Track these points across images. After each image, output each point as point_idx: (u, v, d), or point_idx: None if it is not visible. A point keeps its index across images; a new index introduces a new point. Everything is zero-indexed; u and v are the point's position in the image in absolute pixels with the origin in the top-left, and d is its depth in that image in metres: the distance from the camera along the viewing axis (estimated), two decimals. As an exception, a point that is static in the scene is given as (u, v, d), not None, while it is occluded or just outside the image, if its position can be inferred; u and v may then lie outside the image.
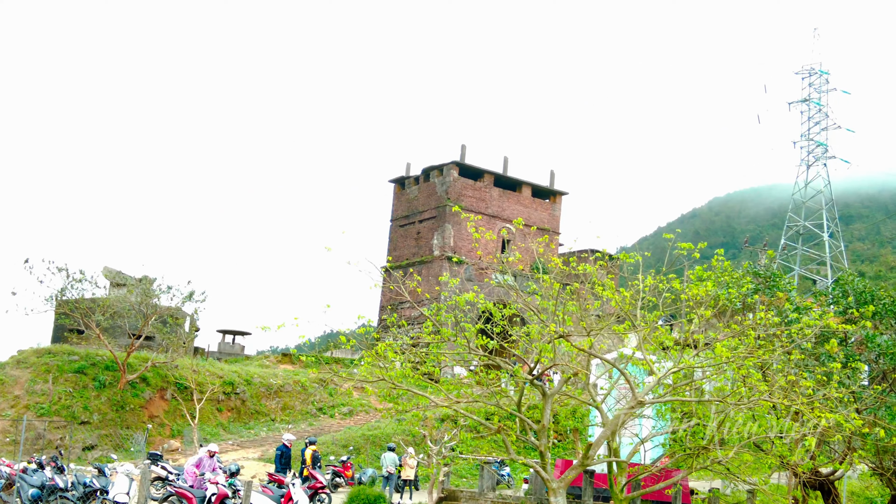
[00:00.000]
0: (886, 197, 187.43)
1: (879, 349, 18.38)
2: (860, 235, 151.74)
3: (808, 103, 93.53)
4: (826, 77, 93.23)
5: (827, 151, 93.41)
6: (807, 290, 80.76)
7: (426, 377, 16.46)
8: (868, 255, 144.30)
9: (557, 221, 57.72)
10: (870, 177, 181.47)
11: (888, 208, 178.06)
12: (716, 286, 15.24)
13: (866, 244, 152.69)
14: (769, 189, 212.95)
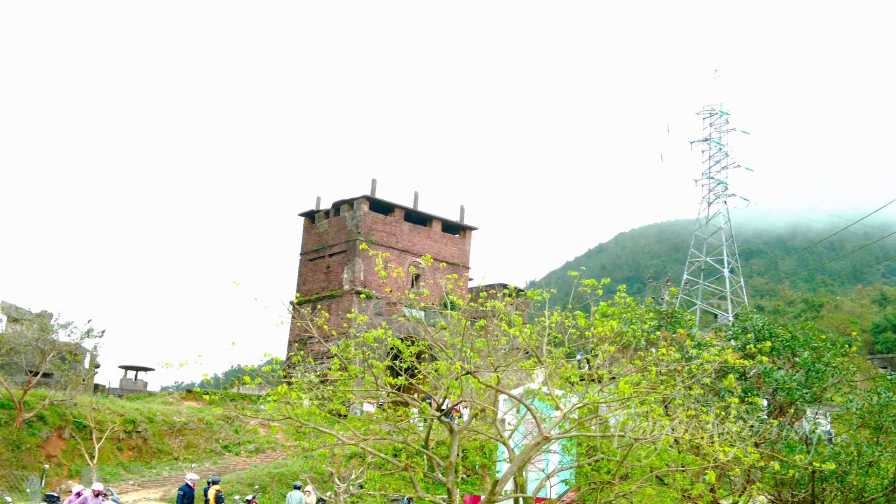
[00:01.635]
0: (784, 234, 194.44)
1: (776, 384, 18.93)
2: (759, 271, 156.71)
3: (709, 143, 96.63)
4: (726, 118, 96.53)
5: (727, 189, 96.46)
6: (709, 324, 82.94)
7: (333, 414, 16.29)
8: (767, 290, 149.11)
9: (467, 256, 58.08)
10: (768, 214, 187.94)
11: (786, 245, 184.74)
12: (620, 322, 15.53)
13: (765, 279, 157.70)
14: (672, 225, 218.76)
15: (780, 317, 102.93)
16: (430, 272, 52.87)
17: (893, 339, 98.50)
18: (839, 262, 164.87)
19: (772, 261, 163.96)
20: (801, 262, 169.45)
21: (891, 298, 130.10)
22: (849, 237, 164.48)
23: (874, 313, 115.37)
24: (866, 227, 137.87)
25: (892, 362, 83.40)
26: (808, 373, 19.30)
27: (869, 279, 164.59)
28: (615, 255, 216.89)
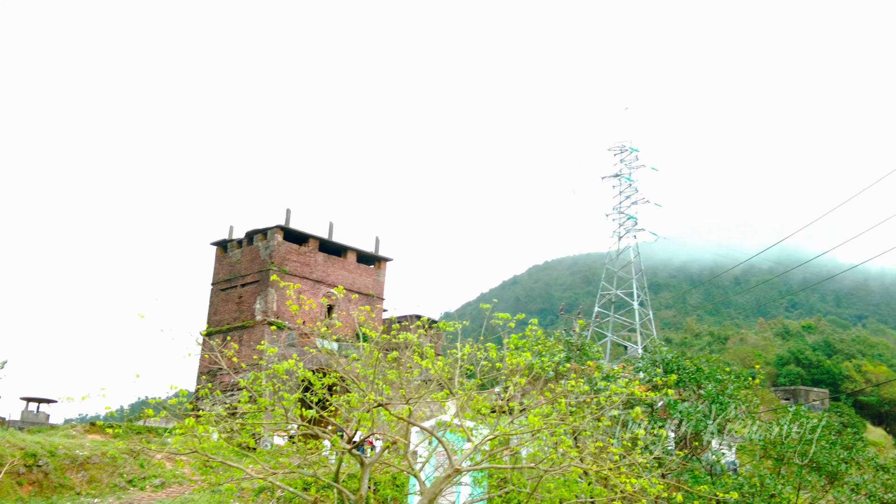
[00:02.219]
0: (691, 268, 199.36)
1: (682, 415, 19.37)
2: (668, 304, 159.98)
3: (619, 178, 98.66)
4: (636, 154, 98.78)
5: (637, 224, 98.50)
6: (619, 356, 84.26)
7: (242, 448, 16.02)
8: (675, 323, 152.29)
9: (382, 287, 57.93)
10: (676, 249, 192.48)
11: (693, 279, 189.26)
12: (531, 354, 15.72)
13: (673, 312, 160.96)
14: (585, 258, 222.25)
15: (687, 349, 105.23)
16: (344, 303, 52.57)
17: (796, 371, 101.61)
18: (744, 296, 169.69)
19: (680, 294, 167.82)
20: (708, 296, 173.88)
21: (793, 332, 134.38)
22: (753, 271, 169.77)
23: (777, 346, 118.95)
24: (769, 261, 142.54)
25: (795, 394, 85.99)
26: (712, 404, 19.80)
27: (772, 313, 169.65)
28: (529, 287, 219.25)
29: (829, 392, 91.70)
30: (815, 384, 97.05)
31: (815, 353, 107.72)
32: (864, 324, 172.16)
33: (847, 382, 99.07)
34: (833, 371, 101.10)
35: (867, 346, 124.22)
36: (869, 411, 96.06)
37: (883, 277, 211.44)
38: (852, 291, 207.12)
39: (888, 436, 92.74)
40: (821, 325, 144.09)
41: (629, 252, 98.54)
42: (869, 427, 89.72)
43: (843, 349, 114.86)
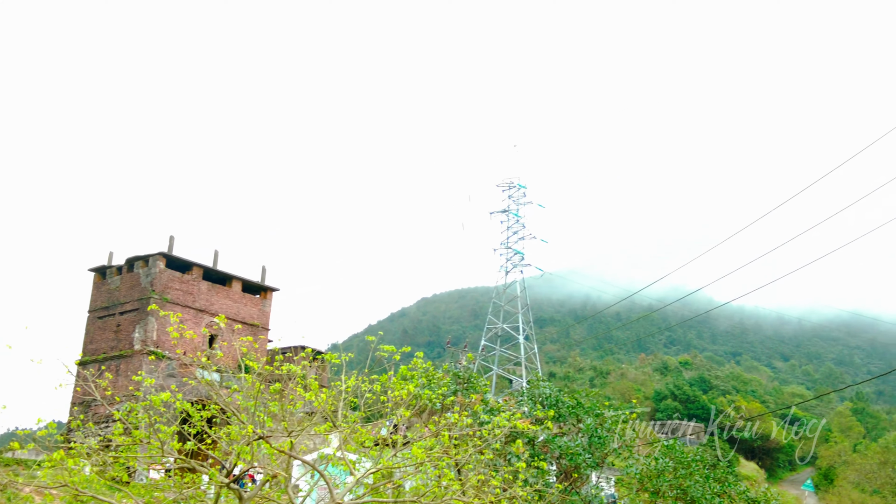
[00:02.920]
0: (575, 303, 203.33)
1: (562, 449, 19.65)
2: (552, 338, 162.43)
3: (507, 214, 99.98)
4: (524, 191, 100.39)
5: (523, 259, 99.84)
6: (505, 389, 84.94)
7: (116, 481, 15.45)
8: (559, 357, 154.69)
9: (267, 317, 57.03)
10: (562, 284, 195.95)
11: (577, 314, 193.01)
12: (417, 386, 15.70)
13: (557, 346, 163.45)
14: (472, 291, 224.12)
15: (570, 383, 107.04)
16: (227, 333, 51.50)
17: (673, 405, 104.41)
18: (625, 332, 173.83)
19: (564, 329, 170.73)
20: (592, 331, 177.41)
21: (671, 367, 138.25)
22: (635, 308, 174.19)
23: (656, 381, 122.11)
24: (650, 298, 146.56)
25: (672, 428, 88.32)
26: (591, 438, 20.14)
27: (652, 348, 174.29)
28: (417, 319, 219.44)
29: (704, 426, 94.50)
30: (690, 418, 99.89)
31: (692, 388, 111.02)
32: (739, 360, 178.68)
33: (722, 417, 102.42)
34: (708, 406, 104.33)
35: (741, 382, 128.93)
36: (742, 446, 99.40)
37: (757, 316, 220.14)
38: (728, 329, 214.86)
39: (760, 469, 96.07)
40: (697, 361, 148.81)
41: (516, 286, 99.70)
42: (742, 461, 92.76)
43: (719, 385, 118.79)
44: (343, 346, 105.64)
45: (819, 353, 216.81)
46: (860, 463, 76.77)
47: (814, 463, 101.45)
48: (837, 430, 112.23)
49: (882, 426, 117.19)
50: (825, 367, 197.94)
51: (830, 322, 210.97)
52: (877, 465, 73.81)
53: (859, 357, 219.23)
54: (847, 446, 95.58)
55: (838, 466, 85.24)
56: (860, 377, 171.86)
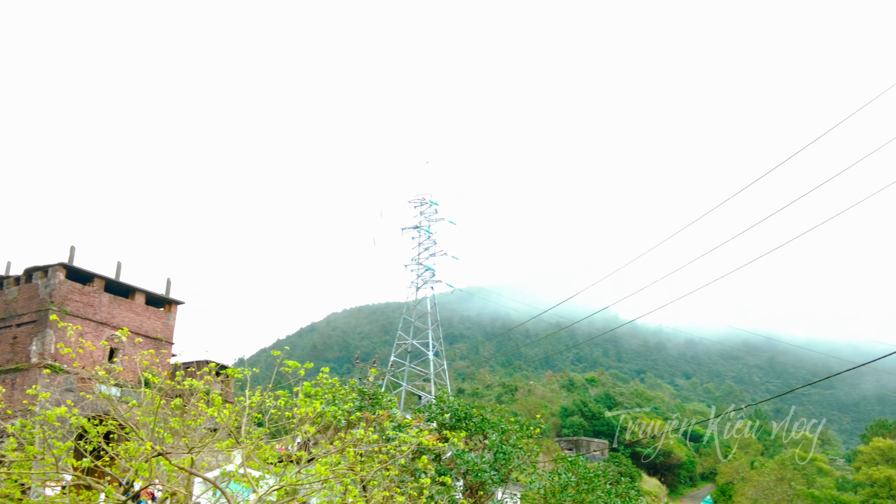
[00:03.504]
0: (485, 320, 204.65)
1: (468, 465, 19.70)
2: (462, 354, 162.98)
3: (419, 230, 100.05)
4: (435, 207, 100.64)
5: (434, 276, 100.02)
6: (414, 405, 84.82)
7: (7, 499, 14.89)
8: (469, 374, 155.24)
9: (171, 331, 55.81)
10: (471, 301, 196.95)
11: (486, 330, 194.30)
12: (323, 403, 15.57)
13: (467, 363, 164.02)
14: (383, 307, 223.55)
15: (478, 399, 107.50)
16: (130, 347, 50.24)
17: (579, 422, 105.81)
18: (533, 349, 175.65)
19: (474, 346, 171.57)
20: (501, 348, 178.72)
21: (578, 384, 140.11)
22: (543, 325, 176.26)
23: (563, 398, 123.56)
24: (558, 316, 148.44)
25: (577, 444, 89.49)
26: (496, 454, 20.26)
27: (560, 366, 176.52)
28: (327, 334, 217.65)
29: (608, 443, 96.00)
30: (596, 435, 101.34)
31: (597, 405, 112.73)
32: (643, 378, 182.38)
33: (625, 434, 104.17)
34: (613, 423, 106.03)
35: (644, 399, 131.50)
36: (645, 462, 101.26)
37: (660, 334, 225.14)
38: (633, 347, 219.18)
39: (662, 485, 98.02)
40: (603, 378, 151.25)
41: (426, 303, 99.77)
42: (645, 477, 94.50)
43: (623, 402, 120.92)
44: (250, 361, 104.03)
45: (720, 372, 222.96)
46: (758, 479, 78.94)
47: (713, 479, 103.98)
48: (736, 446, 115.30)
49: (779, 443, 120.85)
50: (726, 384, 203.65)
51: (731, 341, 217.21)
52: (773, 481, 76.02)
53: (758, 376, 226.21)
54: (745, 463, 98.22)
55: (737, 483, 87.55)
56: (759, 395, 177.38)
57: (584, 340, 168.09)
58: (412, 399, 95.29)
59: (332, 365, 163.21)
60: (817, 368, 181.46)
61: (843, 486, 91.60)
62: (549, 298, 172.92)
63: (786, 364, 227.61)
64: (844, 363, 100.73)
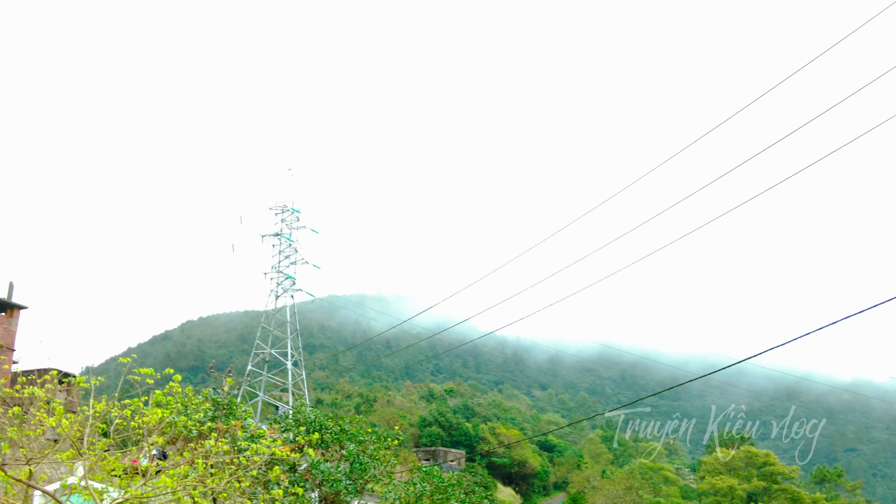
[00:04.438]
0: (346, 330, 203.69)
1: (323, 476, 19.51)
2: (322, 364, 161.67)
3: (279, 238, 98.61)
4: (297, 215, 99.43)
5: (295, 284, 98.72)
6: (271, 416, 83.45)
7: None
8: (328, 384, 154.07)
9: (13, 337, 53.15)
10: (333, 311, 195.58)
11: (347, 340, 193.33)
12: (172, 412, 15.12)
13: (327, 373, 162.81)
14: (241, 316, 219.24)
15: (337, 410, 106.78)
16: (-33, 353, 47.53)
17: (437, 432, 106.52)
18: (394, 360, 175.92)
19: (334, 356, 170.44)
20: (361, 358, 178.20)
21: (437, 395, 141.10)
22: (404, 336, 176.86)
23: (422, 408, 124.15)
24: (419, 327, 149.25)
25: (435, 454, 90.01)
26: (353, 465, 20.15)
27: (420, 376, 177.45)
28: (181, 343, 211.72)
29: (465, 453, 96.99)
30: (454, 445, 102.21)
31: (456, 415, 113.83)
32: (501, 389, 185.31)
33: (483, 444, 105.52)
34: (471, 433, 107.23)
35: (501, 409, 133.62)
36: (500, 471, 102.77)
37: (517, 346, 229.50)
38: (492, 359, 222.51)
39: (517, 495, 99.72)
40: (462, 389, 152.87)
41: (286, 311, 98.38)
42: (500, 487, 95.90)
43: (481, 412, 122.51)
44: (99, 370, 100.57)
45: (574, 383, 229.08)
46: (608, 488, 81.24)
47: (566, 488, 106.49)
48: (588, 456, 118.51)
49: (629, 453, 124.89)
50: (579, 396, 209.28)
51: (587, 353, 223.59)
52: (623, 490, 78.45)
53: (610, 387, 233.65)
54: (596, 472, 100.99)
55: (588, 492, 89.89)
56: (610, 406, 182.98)
57: (444, 351, 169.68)
58: (269, 409, 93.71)
59: (187, 375, 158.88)
60: (666, 381, 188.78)
61: (687, 495, 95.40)
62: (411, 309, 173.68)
63: (636, 376, 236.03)
64: (691, 376, 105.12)
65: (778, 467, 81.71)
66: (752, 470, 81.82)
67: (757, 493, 79.00)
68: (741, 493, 78.28)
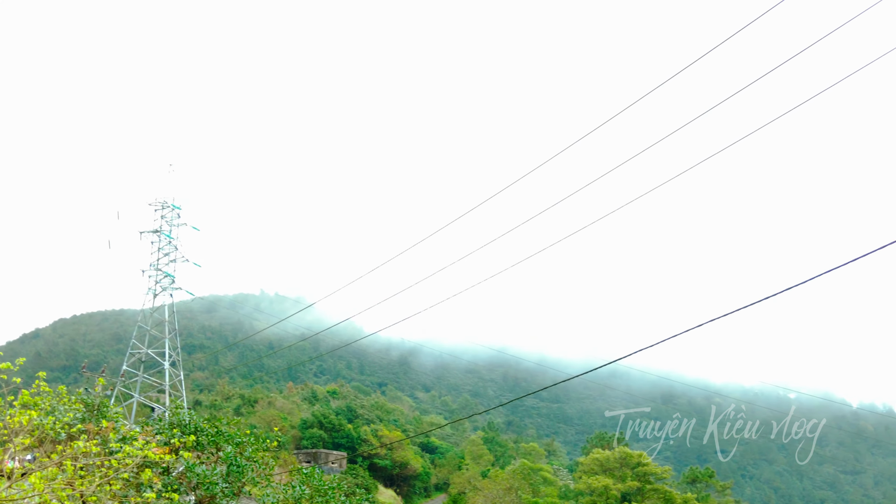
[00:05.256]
0: (227, 330, 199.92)
1: (199, 478, 19.12)
2: (201, 365, 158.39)
3: (159, 234, 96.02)
4: (178, 211, 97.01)
5: (174, 282, 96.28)
6: (145, 417, 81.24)
7: None
8: (207, 385, 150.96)
9: None
10: (214, 310, 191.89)
11: (227, 340, 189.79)
12: (40, 413, 14.58)
13: (206, 374, 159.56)
14: (118, 314, 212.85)
15: (216, 411, 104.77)
16: None
17: (318, 434, 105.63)
18: (276, 360, 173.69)
19: (214, 356, 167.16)
20: (242, 359, 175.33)
21: (320, 397, 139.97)
22: (287, 336, 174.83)
23: (304, 410, 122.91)
24: (302, 327, 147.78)
25: (316, 456, 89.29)
26: (230, 467, 19.82)
27: (302, 378, 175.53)
28: (53, 341, 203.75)
29: (347, 454, 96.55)
30: (336, 447, 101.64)
31: (338, 417, 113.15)
32: (384, 390, 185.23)
33: (365, 446, 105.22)
34: (353, 435, 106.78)
35: (384, 411, 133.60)
36: (382, 473, 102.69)
37: (402, 347, 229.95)
38: (376, 360, 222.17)
39: (398, 497, 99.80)
40: (344, 390, 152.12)
41: (165, 310, 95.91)
42: (381, 488, 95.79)
43: (364, 414, 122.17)
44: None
45: (458, 385, 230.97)
46: (488, 489, 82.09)
47: (447, 489, 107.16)
48: (470, 457, 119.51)
49: (509, 454, 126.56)
50: (462, 398, 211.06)
51: (470, 356, 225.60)
52: (503, 490, 79.46)
53: (493, 389, 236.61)
54: (477, 473, 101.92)
55: (468, 492, 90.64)
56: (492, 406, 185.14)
57: (327, 352, 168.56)
58: (145, 411, 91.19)
59: (59, 375, 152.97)
60: (546, 384, 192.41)
61: (565, 496, 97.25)
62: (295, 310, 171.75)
63: (518, 378, 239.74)
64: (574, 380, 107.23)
65: (651, 468, 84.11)
66: (627, 470, 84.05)
67: (631, 493, 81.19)
68: (615, 493, 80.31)
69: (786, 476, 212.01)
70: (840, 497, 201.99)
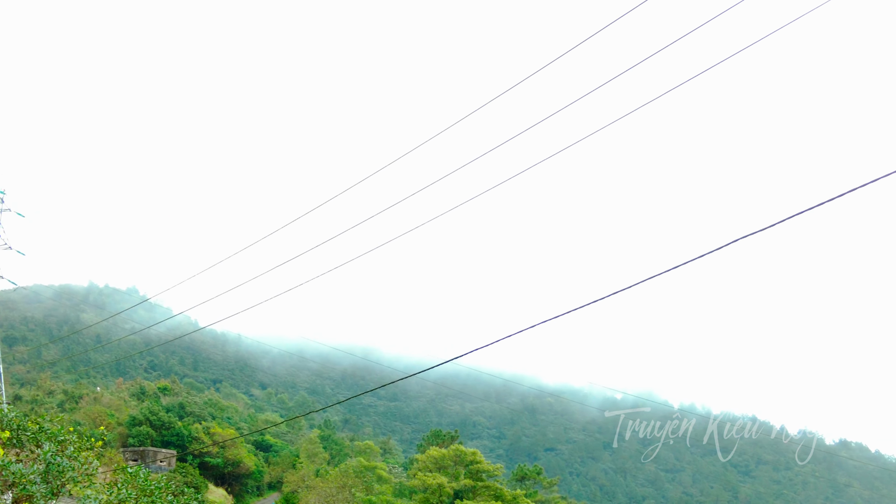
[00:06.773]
0: (52, 322, 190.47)
1: (14, 477, 18.14)
2: (22, 358, 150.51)
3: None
4: (2, 196, 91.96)
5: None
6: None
7: None
8: (29, 379, 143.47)
9: None
10: (39, 301, 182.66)
11: (52, 332, 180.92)
12: None
13: (28, 367, 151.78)
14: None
15: (38, 407, 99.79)
16: None
17: (146, 432, 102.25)
18: (104, 355, 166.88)
19: (36, 349, 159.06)
20: (68, 352, 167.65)
21: (150, 393, 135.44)
22: (116, 330, 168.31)
23: (132, 407, 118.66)
24: (133, 321, 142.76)
25: (144, 455, 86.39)
26: (49, 466, 18.89)
27: (132, 373, 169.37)
28: None
29: (176, 453, 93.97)
30: (165, 445, 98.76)
31: (169, 414, 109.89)
32: (219, 388, 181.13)
33: (196, 444, 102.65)
34: (183, 433, 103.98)
35: (218, 409, 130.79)
36: (213, 472, 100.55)
37: (238, 343, 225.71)
38: (210, 356, 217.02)
39: (228, 495, 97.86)
40: (176, 387, 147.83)
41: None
42: (211, 487, 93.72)
43: (196, 411, 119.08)
44: None
45: (294, 383, 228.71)
46: (322, 487, 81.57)
47: (280, 488, 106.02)
48: (305, 456, 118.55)
49: (345, 452, 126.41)
50: (299, 395, 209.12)
51: (308, 353, 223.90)
52: (336, 488, 79.15)
53: (330, 387, 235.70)
54: (311, 471, 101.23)
55: (301, 491, 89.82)
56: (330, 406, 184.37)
57: (158, 345, 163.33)
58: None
59: None
60: (384, 382, 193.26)
61: (399, 493, 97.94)
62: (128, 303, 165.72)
63: (356, 376, 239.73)
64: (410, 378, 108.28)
65: (483, 465, 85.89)
66: (460, 468, 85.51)
67: (464, 490, 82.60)
68: (449, 490, 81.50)
69: (611, 474, 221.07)
70: (661, 494, 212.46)
